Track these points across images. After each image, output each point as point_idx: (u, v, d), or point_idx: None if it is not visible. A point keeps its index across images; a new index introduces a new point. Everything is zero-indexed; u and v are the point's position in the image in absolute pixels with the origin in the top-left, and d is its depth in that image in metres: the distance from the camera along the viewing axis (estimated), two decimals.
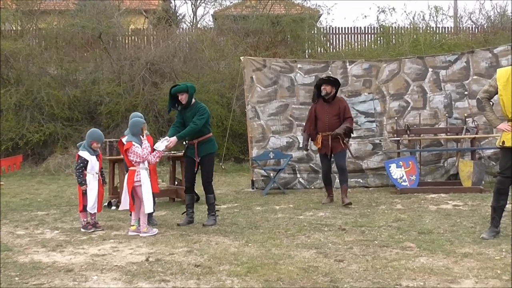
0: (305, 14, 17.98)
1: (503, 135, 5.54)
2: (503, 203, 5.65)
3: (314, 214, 7.43)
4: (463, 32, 17.52)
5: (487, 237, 5.55)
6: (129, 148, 6.33)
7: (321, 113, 8.31)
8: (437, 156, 10.31)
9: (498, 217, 5.67)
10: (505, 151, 5.55)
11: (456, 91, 10.22)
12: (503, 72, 5.57)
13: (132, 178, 6.30)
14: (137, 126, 6.51)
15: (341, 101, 8.46)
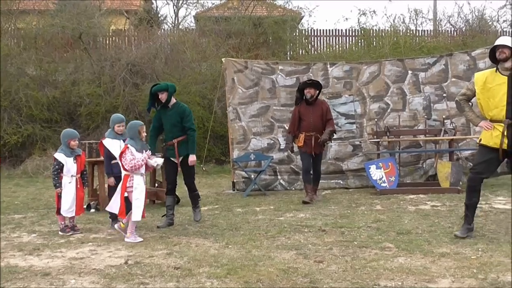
0: (287, 16, 18.05)
1: (482, 133, 5.67)
2: (475, 200, 5.74)
3: (295, 216, 7.45)
4: (442, 35, 17.75)
5: (460, 235, 5.63)
6: (123, 152, 6.12)
7: (305, 114, 8.63)
8: (416, 157, 10.42)
9: (471, 214, 5.76)
10: (481, 148, 5.66)
11: (435, 93, 10.35)
12: (480, 75, 5.70)
13: (125, 183, 6.11)
14: (133, 129, 6.25)
15: (323, 103, 8.90)
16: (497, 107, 5.46)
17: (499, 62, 5.54)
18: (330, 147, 10.33)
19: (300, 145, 8.66)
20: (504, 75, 5.48)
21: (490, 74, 5.60)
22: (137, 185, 6.10)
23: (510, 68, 5.47)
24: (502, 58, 5.46)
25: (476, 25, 17.65)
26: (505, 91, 5.41)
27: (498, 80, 5.48)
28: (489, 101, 5.52)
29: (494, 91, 5.48)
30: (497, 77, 5.51)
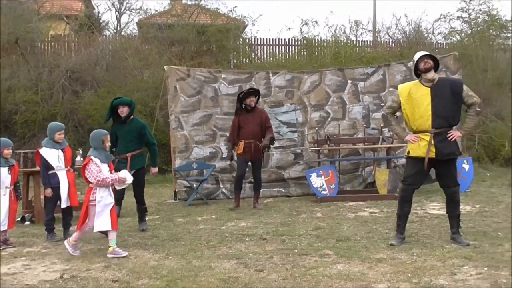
0: (230, 25, 18.10)
1: (409, 146, 5.86)
2: (406, 210, 5.95)
3: (236, 225, 7.46)
4: (381, 46, 18.27)
5: (395, 243, 5.79)
6: (86, 164, 5.80)
7: (245, 122, 8.82)
8: (356, 165, 10.67)
9: (403, 224, 5.96)
10: (410, 160, 5.87)
11: (373, 103, 10.64)
12: (403, 88, 5.94)
13: (88, 197, 5.80)
14: (97, 138, 5.93)
15: (262, 112, 9.11)
16: (423, 117, 5.68)
17: (421, 75, 5.80)
18: (272, 156, 10.43)
19: (240, 152, 8.78)
20: (426, 86, 5.73)
21: (413, 85, 5.84)
22: (100, 198, 5.78)
23: (432, 79, 5.73)
24: (428, 67, 5.71)
25: (412, 36, 18.27)
26: (429, 101, 5.66)
27: (422, 91, 5.72)
28: (414, 112, 5.74)
29: (419, 101, 5.70)
30: (420, 88, 5.76)
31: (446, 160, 5.72)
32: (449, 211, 5.91)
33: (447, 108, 5.67)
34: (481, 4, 17.93)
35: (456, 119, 5.80)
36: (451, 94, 5.68)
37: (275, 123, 10.45)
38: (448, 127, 5.72)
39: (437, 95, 5.67)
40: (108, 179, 5.78)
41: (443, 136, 5.67)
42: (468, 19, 18.16)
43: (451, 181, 5.82)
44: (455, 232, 5.85)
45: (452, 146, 5.71)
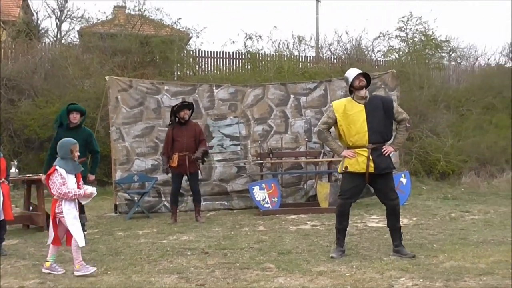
0: (174, 36, 17.99)
1: (345, 161, 5.97)
2: (345, 224, 6.07)
3: (178, 238, 7.37)
4: (323, 62, 18.65)
5: (335, 256, 5.89)
6: (51, 174, 5.47)
7: (179, 135, 8.80)
8: (298, 178, 10.80)
9: (342, 237, 6.07)
10: (347, 175, 5.99)
11: (315, 117, 10.81)
12: (338, 103, 6.09)
13: (54, 209, 5.46)
14: (64, 147, 5.58)
15: (196, 124, 9.18)
16: (359, 133, 5.83)
17: (354, 92, 5.97)
18: (215, 169, 10.40)
19: (174, 165, 8.74)
20: (360, 103, 5.90)
21: (347, 102, 6.00)
22: (67, 211, 5.44)
23: (364, 96, 5.92)
24: (363, 85, 5.90)
25: (353, 53, 18.76)
26: (365, 117, 5.83)
27: (357, 108, 5.88)
28: (350, 128, 5.88)
29: (355, 118, 5.86)
30: (355, 105, 5.92)
31: (383, 174, 5.89)
32: (391, 224, 6.05)
33: (381, 124, 5.87)
34: (418, 25, 18.70)
35: (390, 135, 6.04)
36: (383, 110, 5.90)
37: (218, 136, 10.47)
38: (383, 142, 5.92)
39: (371, 111, 5.85)
40: (71, 194, 5.42)
41: (379, 151, 5.86)
42: (405, 38, 18.88)
43: (391, 194, 5.97)
44: (398, 244, 5.98)
45: (388, 161, 5.91)
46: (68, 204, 5.47)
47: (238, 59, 18.54)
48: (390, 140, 6.10)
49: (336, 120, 5.96)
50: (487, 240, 6.80)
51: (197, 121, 10.29)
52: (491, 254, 5.92)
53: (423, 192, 12.65)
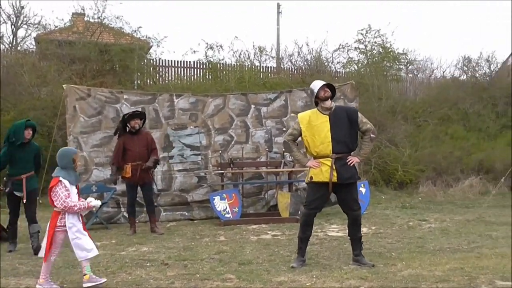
0: (135, 45, 17.80)
1: (310, 172, 6.03)
2: (308, 234, 6.11)
3: (137, 250, 7.25)
4: (284, 72, 18.78)
5: (296, 266, 5.91)
6: (54, 186, 5.24)
7: (131, 144, 8.74)
8: (259, 188, 10.80)
9: (304, 247, 6.11)
10: (313, 185, 6.03)
11: (275, 127, 10.88)
12: (303, 115, 6.17)
13: (55, 222, 5.26)
14: (67, 157, 5.40)
15: (147, 134, 9.16)
16: (323, 143, 5.90)
17: (319, 103, 6.06)
18: (176, 179, 10.31)
19: (128, 176, 8.66)
20: (325, 114, 5.99)
21: (312, 113, 6.09)
22: (70, 224, 5.27)
23: (329, 107, 6.01)
24: (328, 96, 5.99)
25: (314, 64, 18.97)
26: (329, 128, 5.92)
27: (321, 119, 5.97)
28: (315, 138, 5.95)
29: (319, 128, 5.94)
30: (319, 116, 6.01)
31: (347, 184, 5.95)
32: (352, 234, 6.11)
33: (345, 134, 5.95)
34: (376, 37, 19.06)
35: (354, 145, 6.10)
36: (348, 121, 5.98)
37: (178, 145, 10.39)
38: (347, 152, 5.98)
39: (336, 122, 5.93)
40: (76, 207, 5.27)
41: (343, 160, 5.92)
42: (364, 50, 19.21)
43: (354, 204, 6.03)
44: (358, 254, 6.04)
45: (352, 171, 5.97)
46: (71, 218, 5.31)
47: (199, 68, 18.48)
48: (354, 150, 6.18)
49: (301, 131, 6.03)
50: (443, 248, 6.96)
51: (158, 131, 10.24)
52: (447, 261, 6.06)
53: (382, 201, 12.86)
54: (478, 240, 7.52)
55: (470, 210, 11.45)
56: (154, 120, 10.38)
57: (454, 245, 7.20)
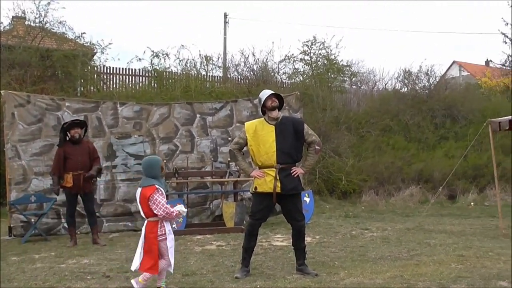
0: (78, 51, 17.37)
1: (255, 182, 6.04)
2: (253, 244, 6.12)
3: (78, 262, 7.05)
4: (230, 82, 18.80)
5: (240, 276, 5.90)
6: (151, 194, 5.12)
7: (72, 153, 8.51)
8: (203, 198, 10.75)
9: (248, 257, 6.11)
10: (257, 195, 6.05)
11: (221, 137, 10.87)
12: (250, 125, 6.17)
13: (156, 232, 5.15)
14: (157, 166, 5.28)
15: (88, 142, 9.02)
16: (268, 153, 5.92)
17: (266, 113, 6.09)
18: (119, 188, 10.12)
19: (69, 185, 8.45)
20: (271, 124, 6.02)
21: (259, 123, 6.11)
22: (169, 231, 5.26)
23: (276, 117, 6.05)
24: (275, 106, 6.03)
25: (260, 75, 19.10)
26: (274, 138, 5.94)
27: (267, 129, 6.00)
28: (260, 148, 5.97)
29: (264, 138, 5.96)
30: (266, 125, 6.03)
31: (291, 194, 5.97)
32: (296, 244, 6.14)
33: (290, 145, 5.97)
34: (321, 49, 19.42)
35: (299, 156, 6.13)
36: (294, 132, 6.02)
37: (122, 155, 10.21)
38: (291, 163, 6.01)
39: (281, 132, 5.96)
40: (174, 213, 5.20)
41: (287, 171, 5.94)
42: (309, 62, 19.53)
43: (298, 215, 6.05)
44: (301, 263, 6.08)
45: (295, 182, 6.00)
46: (169, 225, 5.29)
47: (144, 76, 18.22)
48: (299, 161, 6.21)
49: (247, 140, 6.04)
50: (384, 256, 7.12)
51: (101, 140, 10.04)
52: (387, 269, 6.20)
53: (326, 211, 13.04)
54: (417, 248, 7.74)
55: (410, 218, 11.79)
56: (97, 128, 10.17)
57: (395, 253, 7.39)
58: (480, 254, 7.13)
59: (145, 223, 5.25)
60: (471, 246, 7.87)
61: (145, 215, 5.24)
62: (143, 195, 5.17)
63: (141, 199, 5.20)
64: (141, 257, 5.19)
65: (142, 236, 5.23)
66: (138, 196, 5.24)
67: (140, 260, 5.18)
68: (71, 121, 8.79)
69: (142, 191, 5.19)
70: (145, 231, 5.20)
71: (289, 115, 10.61)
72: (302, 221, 6.09)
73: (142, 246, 5.20)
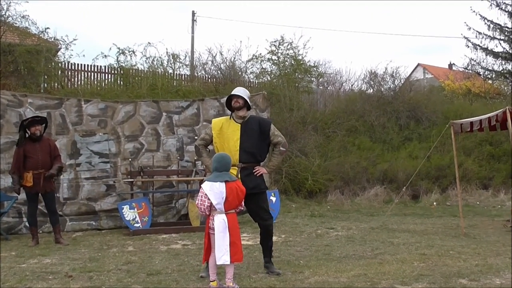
0: (41, 46, 16.99)
1: None
2: None
3: (39, 262, 6.90)
4: (197, 80, 18.70)
5: (205, 275, 5.85)
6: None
7: (32, 152, 8.31)
8: (169, 197, 10.67)
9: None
10: None
11: (187, 136, 10.81)
12: (217, 121, 6.18)
13: (238, 222, 5.45)
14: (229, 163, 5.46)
15: (49, 140, 8.79)
16: (231, 151, 5.88)
17: (234, 110, 6.09)
18: (83, 187, 9.96)
19: (29, 184, 8.26)
20: (237, 123, 6.04)
21: (226, 121, 6.12)
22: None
23: (243, 116, 6.06)
24: (236, 107, 6.03)
25: (227, 74, 19.06)
26: (238, 137, 5.96)
27: (233, 127, 6.01)
28: (224, 146, 5.97)
29: (229, 136, 5.98)
30: (232, 124, 6.05)
31: (254, 193, 5.95)
32: (262, 242, 6.18)
33: (254, 145, 5.99)
34: (289, 49, 19.50)
35: (263, 156, 6.15)
36: (259, 132, 6.03)
37: (86, 153, 10.05)
38: (254, 163, 6.02)
39: (246, 131, 5.97)
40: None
41: (249, 170, 5.95)
42: (277, 62, 19.58)
43: (264, 214, 6.06)
44: (268, 261, 6.12)
45: (257, 181, 6.00)
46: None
47: (110, 73, 17.95)
48: (262, 161, 6.22)
49: (212, 137, 6.03)
50: (349, 255, 7.20)
51: (64, 137, 9.86)
52: (352, 268, 6.27)
53: (292, 210, 13.10)
54: (381, 247, 7.85)
55: (374, 218, 11.95)
56: (60, 126, 9.98)
57: (359, 252, 7.48)
58: (442, 253, 7.28)
59: (224, 216, 5.24)
60: (433, 245, 8.03)
61: (227, 208, 5.26)
62: (236, 188, 5.29)
63: (233, 192, 5.26)
64: (230, 249, 5.19)
65: (226, 228, 5.21)
66: (224, 189, 5.22)
67: (230, 252, 5.19)
68: (32, 118, 8.58)
69: (233, 184, 5.29)
70: (230, 223, 5.23)
71: (256, 114, 10.66)
72: (268, 220, 6.09)
73: (228, 238, 5.20)
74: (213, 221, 5.25)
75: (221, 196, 5.21)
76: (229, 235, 5.20)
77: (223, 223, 5.20)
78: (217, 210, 5.24)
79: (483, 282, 5.56)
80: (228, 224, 5.22)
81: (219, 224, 5.21)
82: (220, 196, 5.21)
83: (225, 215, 5.24)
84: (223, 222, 5.21)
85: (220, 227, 5.20)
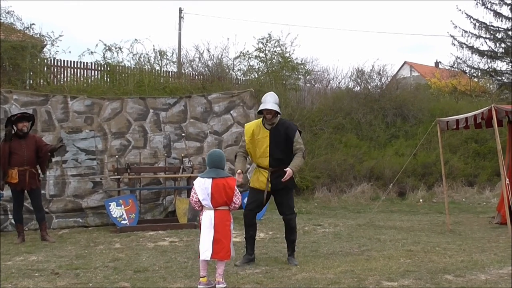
0: (27, 42, 16.81)
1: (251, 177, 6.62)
2: (252, 233, 6.50)
3: (25, 259, 6.85)
4: (184, 77, 18.63)
5: (239, 264, 6.18)
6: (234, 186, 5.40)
7: (18, 148, 8.26)
8: (156, 194, 10.64)
9: (250, 246, 6.48)
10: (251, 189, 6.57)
11: (174, 133, 10.78)
12: (248, 127, 6.66)
13: (230, 220, 5.42)
14: (224, 159, 5.58)
15: (35, 136, 8.73)
16: (262, 157, 6.39)
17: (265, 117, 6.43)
18: (69, 184, 9.89)
19: (15, 181, 8.19)
20: (267, 129, 6.41)
21: (256, 126, 6.52)
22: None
23: (272, 122, 6.42)
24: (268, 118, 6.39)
25: (214, 71, 19.00)
26: (268, 144, 6.38)
27: (263, 134, 6.42)
28: (256, 151, 6.45)
29: (260, 142, 6.41)
30: (262, 130, 6.44)
31: (281, 190, 6.40)
32: (286, 236, 6.65)
33: (282, 151, 6.42)
34: (276, 47, 19.51)
35: (289, 160, 6.43)
36: (285, 139, 6.42)
37: (73, 149, 9.99)
38: (283, 166, 6.34)
39: (274, 138, 6.39)
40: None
41: (278, 173, 6.33)
42: (264, 59, 19.58)
43: (286, 209, 6.52)
44: (289, 254, 6.53)
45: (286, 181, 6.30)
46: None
47: (96, 70, 17.81)
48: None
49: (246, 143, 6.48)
50: (335, 252, 7.24)
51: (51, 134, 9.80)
52: (339, 264, 6.31)
53: None
54: (368, 244, 7.90)
55: (361, 215, 12.01)
56: (46, 122, 9.90)
57: (346, 248, 7.52)
58: (428, 249, 7.34)
59: (212, 212, 5.27)
60: (419, 241, 8.09)
61: (214, 204, 5.29)
62: (224, 185, 5.27)
63: (219, 189, 5.26)
64: (213, 246, 5.20)
65: (211, 224, 5.24)
66: (210, 185, 5.26)
67: (212, 248, 5.20)
68: (20, 114, 8.50)
69: (221, 181, 5.28)
70: (217, 220, 5.25)
71: (243, 111, 10.71)
72: (289, 215, 6.53)
73: (213, 234, 5.22)
74: (202, 217, 5.32)
75: (206, 192, 5.26)
76: (213, 232, 5.22)
77: (209, 219, 5.26)
78: (204, 206, 5.27)
79: (469, 278, 5.62)
80: (215, 220, 5.24)
81: (205, 219, 5.29)
82: (206, 192, 5.26)
83: (214, 211, 5.26)
84: (209, 218, 5.27)
85: (206, 223, 5.27)
